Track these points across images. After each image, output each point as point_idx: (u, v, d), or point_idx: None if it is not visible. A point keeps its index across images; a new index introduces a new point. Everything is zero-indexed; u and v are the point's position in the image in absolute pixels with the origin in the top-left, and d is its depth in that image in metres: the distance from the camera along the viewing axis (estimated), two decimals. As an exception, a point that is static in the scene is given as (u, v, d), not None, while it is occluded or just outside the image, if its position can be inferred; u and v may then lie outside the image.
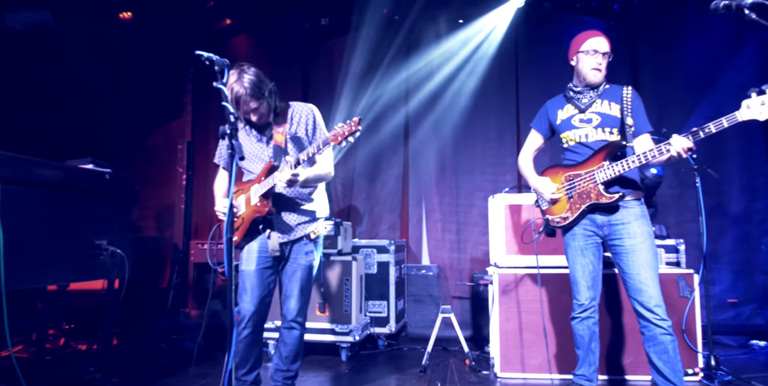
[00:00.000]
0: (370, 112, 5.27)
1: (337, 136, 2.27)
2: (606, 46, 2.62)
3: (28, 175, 2.68)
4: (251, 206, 2.55)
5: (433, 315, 4.61)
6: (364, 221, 5.22)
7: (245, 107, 2.44)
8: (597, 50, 2.60)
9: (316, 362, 3.74)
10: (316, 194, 2.70)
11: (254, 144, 2.65)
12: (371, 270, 4.35)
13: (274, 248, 2.56)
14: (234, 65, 2.41)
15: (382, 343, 4.21)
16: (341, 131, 2.26)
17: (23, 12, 4.92)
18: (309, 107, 2.69)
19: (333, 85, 5.43)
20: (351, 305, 3.84)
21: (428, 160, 5.12)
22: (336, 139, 2.27)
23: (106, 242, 3.17)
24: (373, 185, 5.24)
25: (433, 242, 5.04)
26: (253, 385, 2.65)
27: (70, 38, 5.22)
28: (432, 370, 3.53)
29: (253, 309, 2.50)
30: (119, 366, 3.57)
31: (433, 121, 5.14)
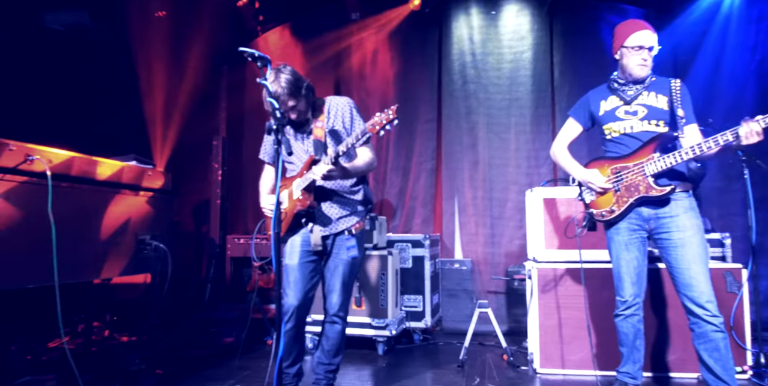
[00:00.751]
0: (403, 106, 5.24)
1: (374, 125, 2.26)
2: (652, 40, 2.54)
3: (77, 171, 2.76)
4: (293, 200, 2.57)
5: (467, 310, 4.59)
6: (397, 216, 5.21)
7: (284, 106, 2.46)
8: (642, 46, 2.52)
9: (354, 355, 3.77)
10: (360, 188, 2.70)
11: (295, 142, 2.67)
12: (406, 265, 4.35)
13: (317, 242, 2.58)
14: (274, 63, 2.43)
15: (418, 337, 4.21)
16: (378, 120, 2.25)
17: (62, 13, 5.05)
18: (345, 100, 2.69)
19: (365, 80, 5.43)
20: (387, 299, 3.85)
21: (461, 154, 5.08)
22: (374, 128, 2.26)
23: (149, 237, 3.25)
24: (406, 179, 5.22)
25: (467, 236, 5.01)
26: (295, 377, 2.69)
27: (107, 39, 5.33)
28: (469, 365, 3.51)
29: (297, 303, 2.53)
30: (162, 357, 3.66)
31: (466, 114, 5.09)
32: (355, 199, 2.66)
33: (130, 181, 3.17)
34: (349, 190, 2.65)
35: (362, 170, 2.61)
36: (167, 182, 3.52)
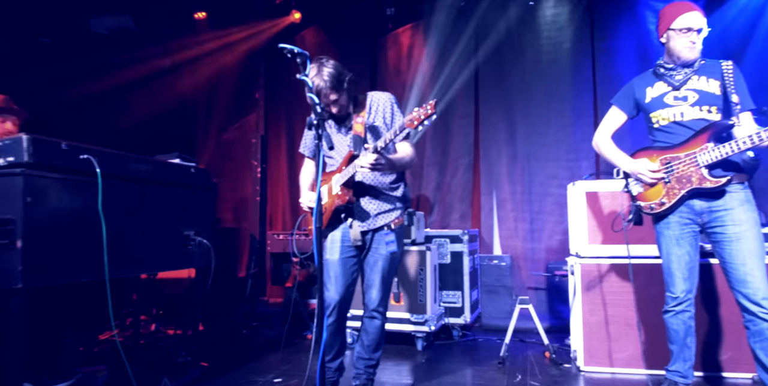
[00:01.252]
0: (440, 101, 5.21)
1: (413, 120, 2.24)
2: (700, 21, 2.42)
3: (124, 170, 2.84)
4: (332, 196, 2.58)
5: (507, 306, 4.53)
6: (434, 211, 5.18)
7: (325, 100, 2.46)
8: (691, 28, 2.40)
9: (393, 351, 3.77)
10: (398, 183, 2.69)
11: (335, 135, 2.67)
12: (445, 260, 4.32)
13: (356, 237, 2.58)
14: (313, 59, 2.44)
15: (457, 334, 4.18)
16: (417, 115, 2.23)
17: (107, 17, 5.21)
18: (387, 96, 2.68)
19: (401, 75, 5.41)
20: (426, 295, 3.83)
21: (499, 148, 5.00)
22: (412, 123, 2.24)
23: (193, 232, 3.32)
24: (443, 174, 5.19)
25: (506, 231, 4.94)
26: (336, 372, 2.70)
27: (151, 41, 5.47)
28: (510, 362, 3.46)
29: (338, 297, 2.54)
30: (206, 350, 3.75)
31: (504, 108, 5.01)
32: (393, 195, 2.66)
33: (174, 178, 3.24)
34: (388, 186, 2.65)
35: (404, 163, 2.59)
36: (209, 180, 3.59)
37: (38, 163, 2.34)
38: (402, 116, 2.66)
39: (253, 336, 4.24)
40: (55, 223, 2.38)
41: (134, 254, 2.84)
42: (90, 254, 2.49)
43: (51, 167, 2.40)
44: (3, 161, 2.32)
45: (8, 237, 2.22)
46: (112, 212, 2.60)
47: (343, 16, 5.68)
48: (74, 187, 2.48)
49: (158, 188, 3.09)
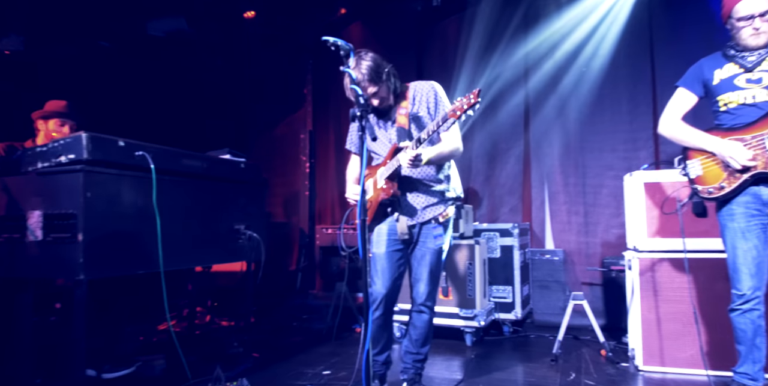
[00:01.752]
0: (488, 92, 5.09)
1: (456, 110, 2.18)
2: (762, 4, 2.24)
3: (178, 166, 2.93)
4: (378, 189, 2.56)
5: (560, 302, 4.39)
6: (483, 204, 5.09)
7: (364, 93, 2.41)
8: (752, 15, 2.23)
9: (442, 346, 3.73)
10: (446, 175, 2.63)
11: (378, 129, 2.65)
12: (494, 254, 4.23)
13: (403, 231, 2.55)
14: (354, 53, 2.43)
15: (507, 329, 4.09)
16: (459, 105, 2.17)
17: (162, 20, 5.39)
18: (430, 85, 2.60)
19: (447, 67, 5.33)
20: (475, 289, 3.77)
21: (551, 139, 4.84)
22: (455, 113, 2.19)
23: (244, 226, 3.39)
24: (493, 166, 5.07)
25: (558, 225, 4.77)
26: (384, 365, 2.70)
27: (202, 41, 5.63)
28: (564, 360, 3.35)
29: (385, 291, 2.53)
30: (258, 342, 3.83)
31: (556, 97, 4.83)
32: (441, 188, 2.60)
33: (224, 173, 3.32)
34: (435, 178, 2.59)
35: (447, 155, 2.53)
36: (258, 175, 3.66)
37: (97, 160, 2.44)
38: (448, 104, 2.60)
39: (302, 328, 4.30)
40: (113, 217, 2.48)
41: (187, 247, 2.93)
42: (145, 248, 2.59)
43: (109, 164, 2.50)
44: (65, 158, 2.44)
45: (70, 231, 2.33)
46: (165, 206, 2.68)
47: (388, 10, 5.63)
48: (130, 182, 2.58)
49: (210, 183, 3.17)
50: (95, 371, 2.87)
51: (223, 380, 2.69)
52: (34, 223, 2.42)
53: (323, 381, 2.93)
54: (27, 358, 2.49)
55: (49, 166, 2.47)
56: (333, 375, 3.03)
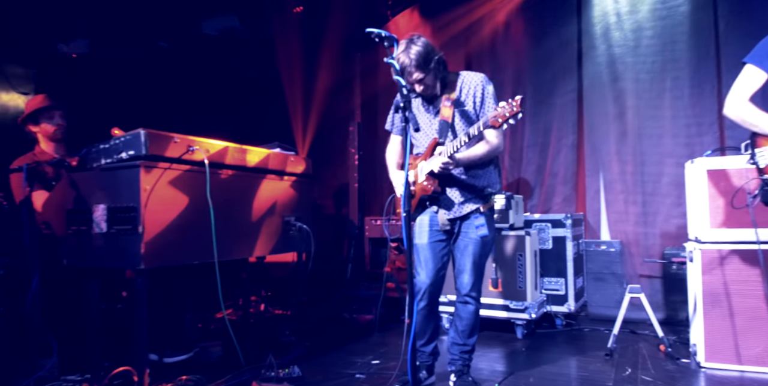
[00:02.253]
0: (538, 79, 4.95)
1: (497, 117, 2.16)
2: None
3: (230, 159, 3.03)
4: (419, 184, 2.55)
5: (616, 295, 4.24)
6: (535, 195, 4.97)
7: (410, 78, 2.40)
8: None
9: (492, 338, 3.70)
10: (486, 169, 2.59)
11: (423, 116, 2.61)
12: (546, 246, 4.13)
13: (444, 222, 2.54)
14: (405, 37, 2.42)
15: (560, 322, 3.99)
16: (501, 113, 2.14)
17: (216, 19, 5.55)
18: (479, 78, 2.54)
19: (497, 55, 5.22)
20: (525, 281, 3.70)
21: (606, 126, 4.65)
22: (496, 121, 2.16)
23: (294, 218, 3.47)
24: (545, 156, 4.94)
25: (614, 215, 4.59)
26: (431, 356, 2.70)
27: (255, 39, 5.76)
28: (619, 354, 3.24)
29: (429, 281, 2.53)
30: (309, 331, 3.92)
31: (611, 82, 4.63)
32: (481, 182, 2.56)
33: (275, 167, 3.41)
34: (475, 173, 2.56)
35: (481, 158, 2.49)
36: (308, 167, 3.73)
37: (154, 155, 2.56)
38: (494, 101, 2.53)
39: (352, 318, 4.36)
40: (170, 210, 2.60)
41: (239, 238, 3.03)
42: (200, 239, 2.70)
43: (165, 159, 2.62)
44: (125, 154, 2.58)
45: (131, 223, 2.46)
46: (218, 199, 2.78)
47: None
48: (185, 176, 2.69)
49: (261, 176, 3.26)
50: (157, 355, 3.03)
51: (275, 367, 2.79)
52: (99, 216, 2.57)
53: (372, 370, 2.97)
54: (95, 342, 2.66)
55: (111, 162, 2.61)
56: (382, 365, 3.06)
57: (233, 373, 2.79)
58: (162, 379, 2.73)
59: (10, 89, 4.14)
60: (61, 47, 4.39)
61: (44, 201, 2.92)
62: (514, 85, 5.05)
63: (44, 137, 3.32)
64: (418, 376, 2.66)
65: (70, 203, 2.69)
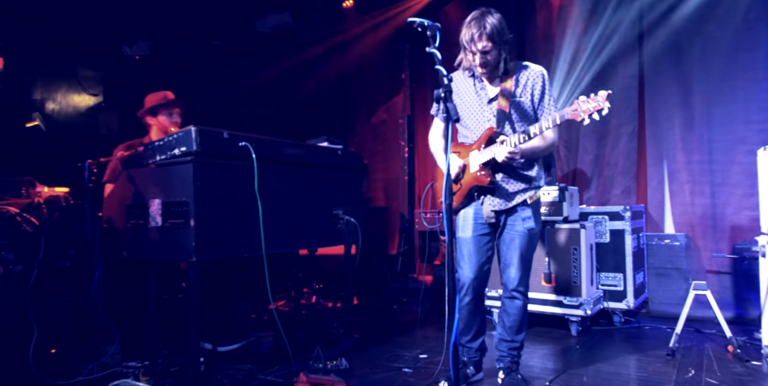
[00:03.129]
0: (596, 62, 4.72)
1: (578, 112, 2.08)
2: None
3: (278, 155, 3.07)
4: (470, 174, 2.49)
5: (680, 291, 4.01)
6: (592, 186, 4.76)
7: (474, 47, 2.32)
8: None
9: (544, 334, 3.59)
10: (536, 161, 2.52)
11: (475, 100, 2.52)
12: (603, 239, 3.95)
13: (489, 215, 2.48)
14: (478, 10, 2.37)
15: (618, 319, 3.82)
16: (585, 108, 2.06)
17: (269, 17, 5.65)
18: (539, 71, 2.46)
19: (551, 41, 5.01)
20: (580, 276, 3.56)
21: (670, 112, 4.37)
22: (576, 114, 2.09)
23: (341, 212, 3.49)
24: (602, 145, 4.71)
25: (679, 207, 4.33)
26: (478, 352, 2.65)
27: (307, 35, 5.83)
28: (682, 354, 3.06)
29: (472, 275, 2.47)
30: (359, 323, 3.96)
31: (676, 64, 4.34)
32: (532, 173, 2.49)
33: (323, 160, 3.43)
34: (529, 164, 2.49)
35: (542, 152, 2.45)
36: (356, 160, 3.73)
37: (205, 151, 2.64)
38: (552, 97, 2.46)
39: (402, 311, 4.37)
40: (220, 204, 2.67)
41: (287, 231, 3.08)
42: (249, 232, 2.76)
43: (216, 155, 2.70)
44: (178, 151, 2.67)
45: (184, 217, 2.55)
46: (267, 193, 2.84)
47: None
48: (235, 171, 2.76)
49: (308, 170, 3.30)
50: (211, 345, 3.15)
51: (322, 359, 2.82)
52: (154, 210, 2.68)
53: (420, 365, 2.95)
54: (153, 331, 2.79)
55: (165, 158, 2.71)
56: (429, 359, 3.04)
57: (282, 364, 2.85)
58: (215, 368, 2.84)
59: (82, 91, 4.41)
60: (125, 50, 4.61)
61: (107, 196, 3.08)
62: (569, 70, 4.84)
63: (159, 129, 3.50)
64: (466, 372, 2.62)
65: (129, 198, 2.82)
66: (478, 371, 2.70)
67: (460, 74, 2.58)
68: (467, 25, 2.32)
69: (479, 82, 2.52)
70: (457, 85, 2.57)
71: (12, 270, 2.43)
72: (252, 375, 2.75)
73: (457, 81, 2.58)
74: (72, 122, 4.31)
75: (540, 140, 2.39)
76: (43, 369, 2.42)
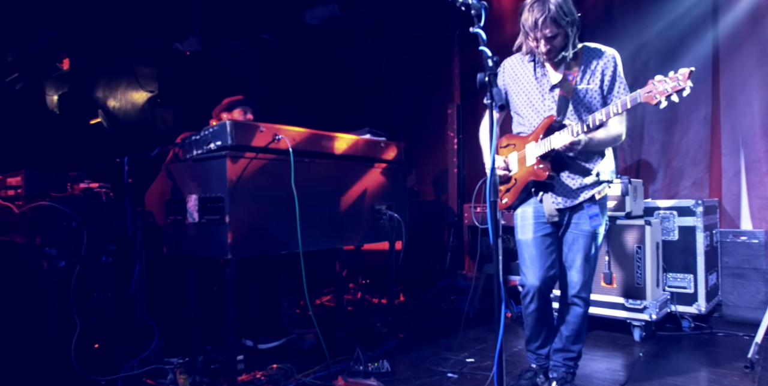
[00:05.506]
0: (662, 43, 4.32)
1: (653, 93, 1.83)
2: None
3: (317, 147, 2.96)
4: (527, 167, 2.27)
5: (759, 295, 3.62)
6: (658, 178, 4.38)
7: (537, 34, 2.09)
8: None
9: (603, 339, 3.32)
10: (604, 153, 2.26)
11: (535, 87, 2.28)
12: (670, 237, 3.62)
13: (551, 213, 2.25)
14: None
15: (687, 324, 3.49)
16: (661, 88, 1.81)
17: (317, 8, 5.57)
18: (611, 55, 2.19)
19: (612, 18, 4.63)
20: (645, 277, 3.26)
21: (749, 96, 3.94)
22: (651, 97, 1.83)
23: (384, 207, 3.36)
24: (670, 133, 4.32)
25: (758, 201, 3.90)
26: (547, 359, 2.44)
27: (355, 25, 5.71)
28: (763, 367, 2.73)
29: (538, 283, 2.25)
30: (404, 321, 3.82)
31: (756, 42, 3.89)
32: (600, 166, 2.23)
33: (364, 153, 3.29)
34: (592, 156, 2.23)
35: (608, 143, 2.20)
36: (400, 153, 3.57)
37: (240, 145, 2.56)
38: (624, 82, 2.19)
39: (450, 310, 4.19)
40: (256, 200, 2.59)
41: (327, 228, 2.97)
42: (286, 229, 2.67)
43: (251, 149, 2.61)
44: (213, 145, 2.60)
45: (219, 213, 2.49)
46: (305, 188, 2.73)
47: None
48: (272, 166, 2.67)
49: (349, 163, 3.17)
50: (252, 342, 3.10)
51: (363, 361, 2.71)
52: (191, 206, 2.64)
53: (465, 370, 2.78)
54: (193, 327, 2.77)
55: (201, 153, 2.66)
56: (477, 364, 2.86)
57: (322, 365, 2.76)
58: (255, 366, 2.79)
59: (139, 88, 4.51)
60: (177, 46, 4.65)
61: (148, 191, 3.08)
62: (634, 51, 4.44)
63: None
64: (535, 380, 2.42)
65: (168, 193, 2.80)
66: (548, 378, 2.49)
67: (518, 58, 2.35)
68: (529, 7, 2.08)
69: (540, 68, 2.27)
70: (515, 70, 2.36)
71: (55, 266, 2.45)
72: (290, 375, 2.67)
73: (515, 66, 2.36)
74: (131, 118, 4.42)
75: (604, 131, 2.14)
76: (85, 364, 2.44)
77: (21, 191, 2.63)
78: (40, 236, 2.46)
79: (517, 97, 2.34)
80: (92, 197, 2.63)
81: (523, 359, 2.91)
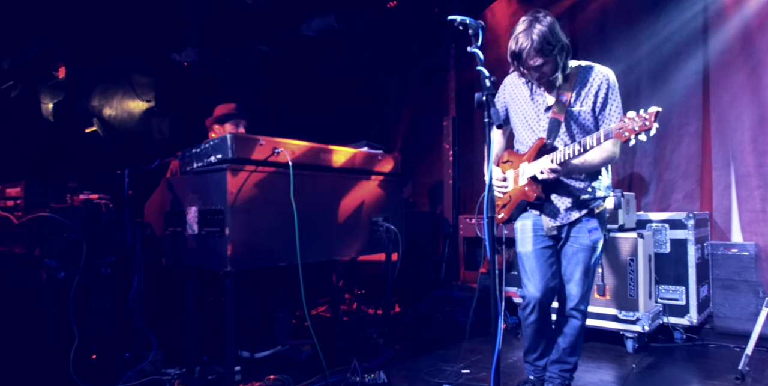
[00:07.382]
0: (653, 58, 4.41)
1: (623, 131, 1.89)
2: None
3: (315, 161, 3.01)
4: (519, 187, 2.32)
5: (750, 306, 3.67)
6: (650, 191, 4.45)
7: (525, 64, 2.12)
8: None
9: (597, 350, 3.36)
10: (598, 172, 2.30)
11: (531, 108, 2.33)
12: (662, 249, 3.67)
13: (549, 227, 2.29)
14: (529, 12, 2.17)
15: (679, 336, 3.53)
16: (630, 127, 1.87)
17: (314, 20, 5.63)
18: (605, 75, 2.21)
19: (605, 32, 4.72)
20: (637, 289, 3.31)
21: (739, 110, 4.02)
22: (620, 134, 1.90)
23: (381, 219, 3.40)
24: (662, 146, 4.39)
25: (748, 214, 3.97)
26: (545, 370, 2.47)
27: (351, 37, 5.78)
28: (753, 379, 2.78)
29: (539, 295, 2.28)
30: (400, 332, 3.84)
31: (747, 58, 3.98)
32: (591, 185, 2.27)
33: (362, 166, 3.34)
34: (584, 176, 2.27)
35: (597, 165, 2.22)
36: (397, 166, 3.62)
37: (240, 158, 2.60)
38: (619, 106, 2.22)
39: (446, 320, 4.21)
40: (255, 212, 2.63)
41: (325, 240, 3.01)
42: (285, 240, 2.70)
43: (251, 162, 2.65)
44: (214, 158, 2.64)
45: (219, 225, 2.52)
46: (304, 200, 2.77)
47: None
48: (271, 178, 2.71)
49: (347, 175, 3.22)
50: (249, 352, 3.12)
51: (359, 372, 2.73)
52: (191, 218, 2.67)
53: (461, 381, 2.81)
54: (191, 338, 2.78)
55: (202, 165, 2.70)
56: (472, 375, 2.89)
57: (319, 376, 2.78)
58: (252, 377, 2.80)
59: (136, 97, 4.54)
60: (174, 56, 4.69)
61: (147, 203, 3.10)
62: (626, 67, 4.53)
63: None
64: None
65: (167, 205, 2.83)
66: (546, 390, 2.52)
67: (515, 78, 2.39)
68: (514, 38, 2.10)
69: (538, 88, 2.31)
70: (514, 89, 2.40)
71: (54, 277, 2.47)
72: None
73: (512, 86, 2.41)
74: (127, 127, 4.43)
75: (595, 153, 2.15)
76: (83, 375, 2.45)
77: (21, 202, 2.64)
78: (39, 247, 2.47)
79: (516, 116, 2.39)
80: (92, 208, 2.64)
81: (518, 370, 2.95)
